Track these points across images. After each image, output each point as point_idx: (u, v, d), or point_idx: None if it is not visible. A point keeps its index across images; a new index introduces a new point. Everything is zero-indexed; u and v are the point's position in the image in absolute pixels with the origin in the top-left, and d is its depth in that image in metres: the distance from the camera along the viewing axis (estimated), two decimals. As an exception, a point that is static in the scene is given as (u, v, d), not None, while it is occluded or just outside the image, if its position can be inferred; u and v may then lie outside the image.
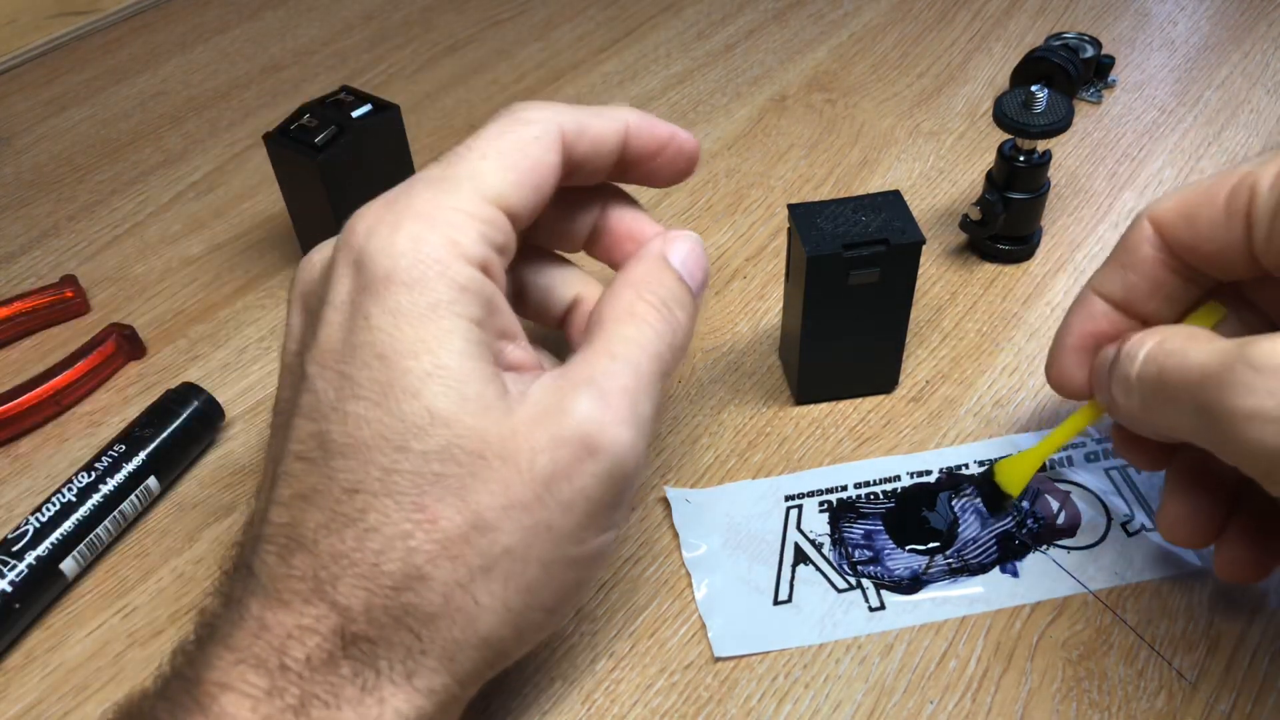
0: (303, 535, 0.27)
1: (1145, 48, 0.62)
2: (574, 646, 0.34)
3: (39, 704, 0.33)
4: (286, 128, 0.44)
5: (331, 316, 0.27)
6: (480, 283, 0.27)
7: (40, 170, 0.58)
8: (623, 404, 0.27)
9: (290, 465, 0.27)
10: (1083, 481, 0.37)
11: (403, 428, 0.26)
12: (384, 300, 0.26)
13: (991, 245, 0.47)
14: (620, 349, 0.28)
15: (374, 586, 0.26)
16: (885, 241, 0.36)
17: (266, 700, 0.25)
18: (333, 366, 0.27)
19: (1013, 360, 0.43)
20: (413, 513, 0.26)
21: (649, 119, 0.33)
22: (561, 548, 0.27)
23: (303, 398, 0.28)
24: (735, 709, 0.32)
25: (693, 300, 0.31)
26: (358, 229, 0.28)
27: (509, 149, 0.29)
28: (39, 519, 0.36)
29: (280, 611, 0.26)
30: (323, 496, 0.27)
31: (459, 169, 0.29)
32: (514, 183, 0.29)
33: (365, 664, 0.26)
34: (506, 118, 0.30)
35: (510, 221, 0.29)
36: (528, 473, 0.26)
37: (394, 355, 0.26)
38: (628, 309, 0.29)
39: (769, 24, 0.66)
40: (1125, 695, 0.32)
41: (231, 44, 0.68)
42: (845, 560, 0.36)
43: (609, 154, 0.32)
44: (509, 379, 0.28)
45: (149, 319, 0.47)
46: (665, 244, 0.32)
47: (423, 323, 0.26)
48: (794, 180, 0.53)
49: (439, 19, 0.69)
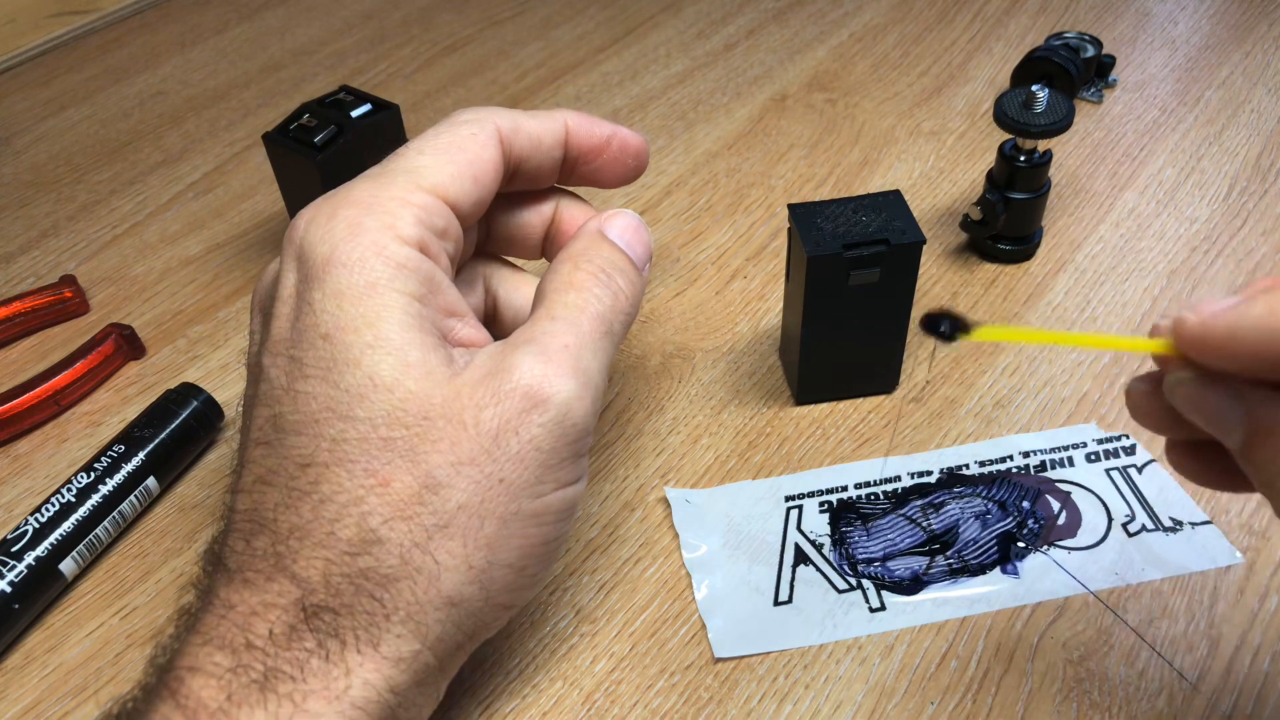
0: (263, 516, 0.27)
1: (1146, 47, 0.62)
2: (574, 647, 0.34)
3: (38, 704, 0.33)
4: (286, 127, 0.44)
5: (280, 310, 0.29)
6: (418, 260, 0.28)
7: (39, 170, 0.57)
8: (564, 359, 0.28)
9: (251, 452, 0.28)
10: (1083, 482, 0.37)
11: (347, 398, 0.27)
12: (325, 284, 0.28)
13: (992, 245, 0.47)
14: (560, 311, 0.29)
15: (331, 555, 0.26)
16: (886, 241, 0.36)
17: (231, 676, 0.25)
18: (283, 353, 0.28)
19: (1013, 360, 0.42)
20: (364, 479, 0.27)
21: (589, 119, 0.34)
22: (517, 501, 0.27)
23: (260, 387, 0.29)
24: (735, 710, 0.32)
25: (634, 269, 0.32)
26: (298, 224, 0.29)
27: (445, 145, 0.30)
28: (38, 519, 0.36)
29: (244, 591, 0.27)
30: (279, 475, 0.27)
31: (395, 164, 0.30)
32: (451, 174, 0.30)
33: (329, 634, 0.26)
34: (445, 121, 0.31)
35: (450, 210, 0.30)
36: (474, 428, 0.27)
37: (337, 332, 0.27)
38: (566, 279, 0.30)
39: (769, 23, 0.66)
40: (1126, 696, 0.32)
41: (230, 44, 0.68)
42: (846, 561, 0.35)
43: (549, 151, 0.33)
44: (456, 352, 0.29)
45: (148, 319, 0.47)
46: (602, 221, 0.32)
47: (362, 299, 0.27)
48: (794, 180, 0.53)
49: (438, 18, 0.69)
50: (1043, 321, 0.44)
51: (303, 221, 0.29)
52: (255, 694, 0.25)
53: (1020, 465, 0.38)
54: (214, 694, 0.25)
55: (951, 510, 0.37)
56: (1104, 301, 0.45)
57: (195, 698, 0.25)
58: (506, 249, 0.36)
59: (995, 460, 0.38)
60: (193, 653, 0.26)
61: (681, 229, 0.50)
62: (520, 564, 0.28)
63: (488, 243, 0.35)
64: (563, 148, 0.33)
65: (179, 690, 0.25)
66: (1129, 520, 0.36)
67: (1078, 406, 0.40)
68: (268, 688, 0.25)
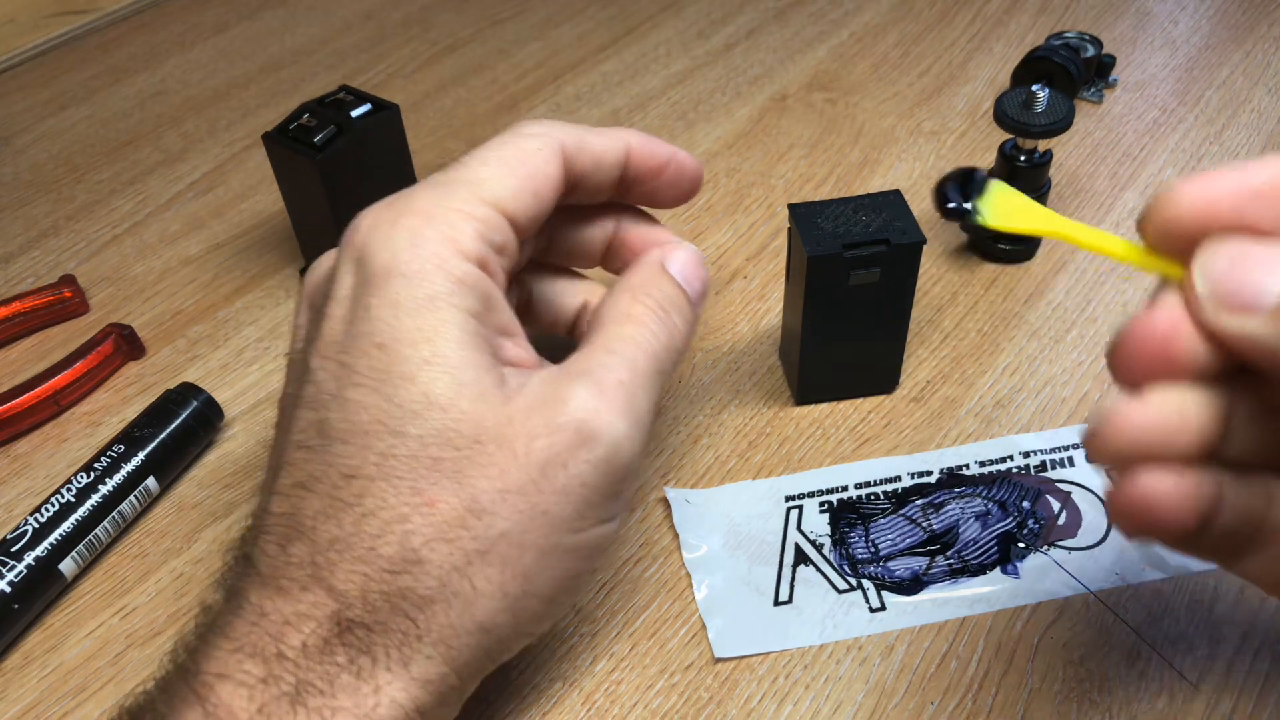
0: (301, 523, 0.27)
1: (1146, 47, 0.61)
2: (574, 647, 0.34)
3: (38, 704, 0.33)
4: (285, 127, 0.44)
5: (334, 311, 0.28)
6: (477, 277, 0.28)
7: (39, 170, 0.57)
8: (618, 395, 0.28)
9: (291, 455, 0.28)
10: (1083, 482, 0.37)
11: (400, 412, 0.26)
12: (383, 292, 0.27)
13: (992, 245, 0.47)
14: (617, 345, 0.29)
15: (370, 571, 0.26)
16: (886, 241, 0.36)
17: (262, 688, 0.25)
18: (333, 357, 0.28)
19: (1014, 360, 0.42)
20: (410, 496, 0.26)
21: (650, 139, 0.34)
22: (558, 534, 0.27)
23: (304, 389, 0.28)
24: (735, 710, 0.32)
25: (690, 307, 0.32)
26: (360, 227, 0.29)
27: (509, 158, 0.30)
28: (38, 519, 0.36)
29: (278, 599, 0.26)
30: (321, 483, 0.27)
31: (459, 174, 0.30)
32: (513, 189, 0.30)
33: (361, 651, 0.26)
34: (509, 132, 0.31)
35: (510, 224, 0.30)
36: (524, 458, 0.27)
37: (393, 344, 0.27)
38: (625, 311, 0.30)
39: (769, 23, 0.66)
40: (1126, 696, 0.32)
41: (230, 43, 0.68)
42: (846, 561, 0.35)
43: (610, 170, 0.33)
44: (507, 372, 0.28)
45: (148, 319, 0.47)
46: (664, 253, 0.33)
47: (420, 313, 0.27)
48: (794, 180, 0.53)
49: (438, 18, 0.69)
50: (1043, 322, 0.44)
51: (365, 224, 0.29)
52: (286, 706, 0.25)
53: (1020, 465, 0.38)
54: (244, 704, 0.25)
55: (952, 510, 0.37)
56: (1104, 302, 0.45)
57: (225, 707, 0.25)
58: (566, 258, 0.36)
59: (995, 460, 0.38)
60: (222, 659, 0.26)
61: (681, 229, 0.50)
62: (551, 595, 0.28)
63: (548, 253, 0.35)
64: (622, 167, 0.33)
65: (207, 697, 0.25)
66: (1129, 520, 0.36)
67: (1078, 406, 0.40)
68: (298, 701, 0.25)
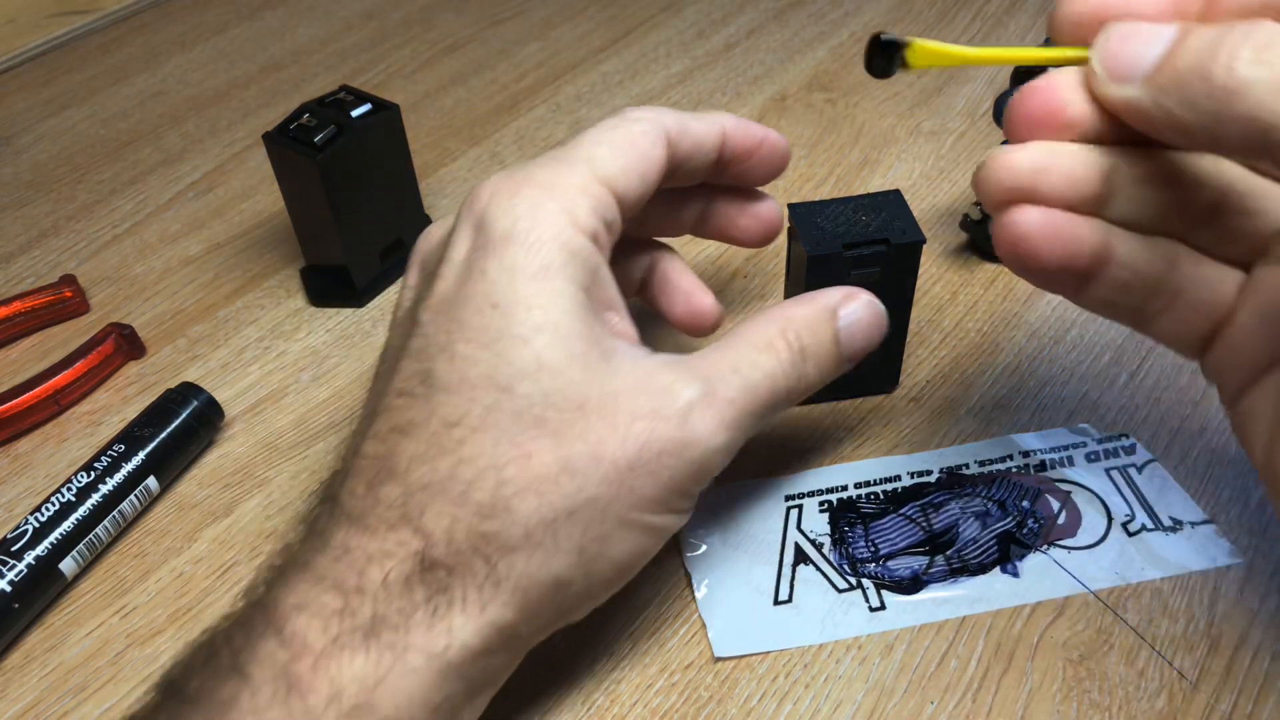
0: (395, 465, 0.28)
1: (1145, 47, 0.61)
2: (574, 646, 0.34)
3: (38, 704, 0.33)
4: (286, 127, 0.44)
5: (448, 271, 0.29)
6: (589, 251, 0.30)
7: (39, 170, 0.57)
8: (728, 412, 0.29)
9: (391, 401, 0.29)
10: (1083, 481, 0.37)
11: (511, 370, 0.28)
12: (501, 257, 0.28)
13: (992, 245, 0.47)
14: (746, 369, 0.30)
15: (460, 513, 0.27)
16: (886, 241, 0.36)
17: (337, 620, 0.26)
18: (445, 312, 0.29)
19: (1013, 360, 0.42)
20: (508, 449, 0.27)
21: (744, 122, 0.35)
22: (638, 511, 0.28)
23: (412, 341, 0.29)
24: (735, 709, 0.32)
25: (835, 364, 0.32)
26: (480, 194, 0.30)
27: (620, 140, 0.31)
28: (38, 519, 0.36)
29: (363, 537, 0.27)
30: (420, 429, 0.28)
31: (575, 152, 0.31)
32: (623, 168, 0.31)
33: (439, 590, 0.27)
34: (617, 116, 0.33)
35: (617, 203, 0.31)
36: (622, 433, 0.28)
37: (508, 306, 0.28)
38: (766, 339, 0.31)
39: (769, 23, 0.66)
40: (1126, 696, 0.32)
41: (231, 43, 0.68)
42: (846, 560, 0.35)
43: (708, 153, 0.34)
44: (612, 345, 0.30)
45: (148, 319, 0.47)
46: (844, 296, 0.33)
47: (536, 281, 0.28)
48: (794, 180, 0.53)
49: (439, 18, 0.69)
50: (1043, 322, 0.44)
51: (486, 193, 0.30)
52: (359, 639, 0.26)
53: (1020, 465, 0.38)
54: (318, 634, 0.26)
55: (951, 510, 0.37)
56: (1104, 301, 0.45)
57: (300, 636, 0.26)
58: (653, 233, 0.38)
59: (995, 460, 0.38)
60: (301, 590, 0.27)
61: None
62: (624, 564, 0.29)
63: (639, 228, 0.37)
64: (719, 150, 0.35)
65: (283, 627, 0.26)
66: (1129, 520, 0.36)
67: (1078, 406, 0.40)
68: (372, 634, 0.26)
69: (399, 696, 0.26)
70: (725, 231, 0.38)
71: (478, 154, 0.57)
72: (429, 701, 0.26)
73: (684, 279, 0.37)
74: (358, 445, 0.29)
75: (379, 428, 0.29)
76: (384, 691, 0.26)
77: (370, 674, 0.26)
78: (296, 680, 0.25)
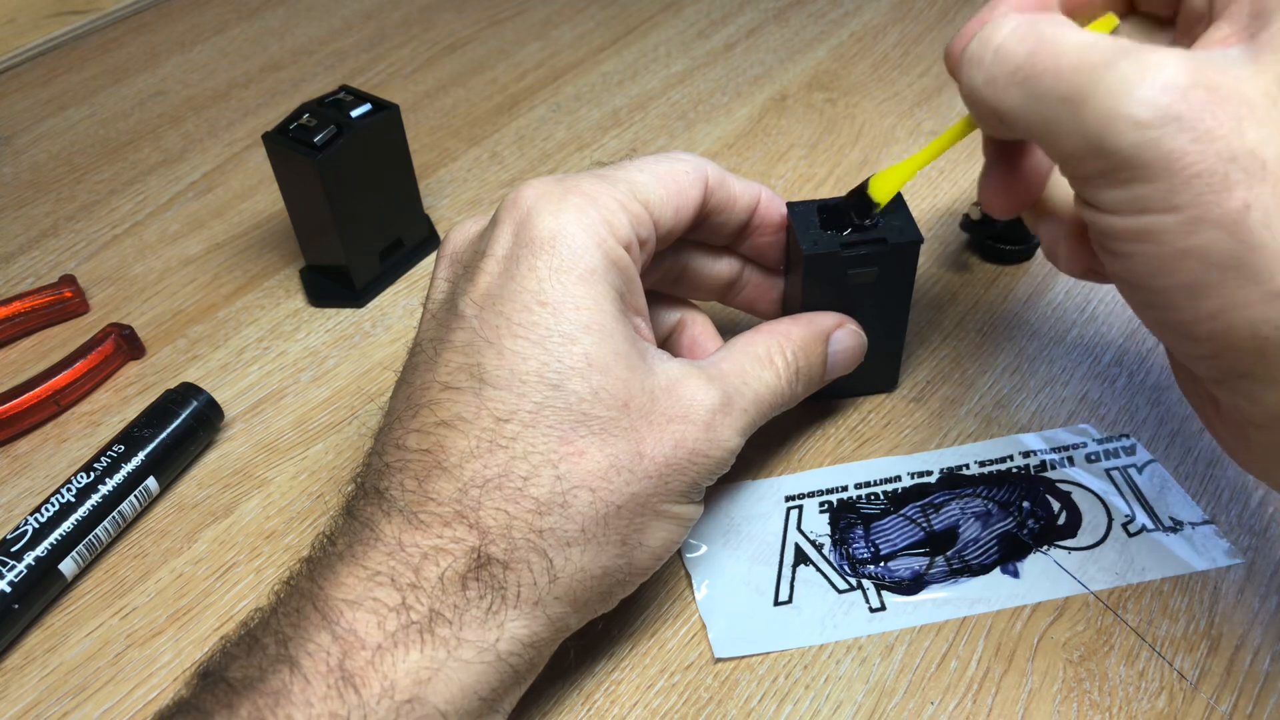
0: (445, 460, 0.28)
1: (1146, 47, 0.61)
2: (574, 647, 0.34)
3: (38, 704, 0.33)
4: (285, 127, 0.44)
5: (491, 266, 0.30)
6: (626, 260, 0.31)
7: (39, 170, 0.57)
8: (741, 420, 0.32)
9: (435, 394, 0.29)
10: (1083, 482, 0.37)
11: (561, 368, 0.29)
12: (548, 257, 0.30)
13: (992, 245, 0.47)
14: (753, 382, 0.33)
15: (516, 510, 0.28)
16: (884, 241, 0.36)
17: (394, 616, 0.26)
18: (491, 307, 0.30)
19: (1013, 360, 0.42)
20: (560, 445, 0.28)
21: (778, 199, 0.37)
22: (670, 503, 0.30)
23: (454, 334, 0.30)
24: (735, 710, 0.32)
25: (819, 384, 0.36)
26: (525, 195, 0.31)
27: (662, 172, 0.33)
28: (38, 519, 0.36)
29: (418, 533, 0.28)
30: (470, 424, 0.29)
31: (618, 173, 0.33)
32: (661, 198, 0.33)
33: (494, 587, 0.27)
34: (663, 154, 0.34)
35: (653, 225, 0.33)
36: (660, 432, 0.30)
37: (557, 304, 0.29)
38: (768, 355, 0.34)
39: (769, 23, 0.66)
40: (1126, 696, 0.32)
41: (230, 43, 0.68)
42: (846, 561, 0.35)
43: (740, 213, 0.36)
44: (643, 347, 0.31)
45: (148, 319, 0.47)
46: (836, 324, 0.36)
47: (583, 283, 0.30)
48: (794, 179, 0.53)
49: (438, 18, 0.69)
50: (1043, 322, 0.44)
51: (531, 194, 0.31)
52: (415, 635, 0.26)
53: (1020, 465, 0.38)
54: (373, 630, 0.26)
55: (952, 510, 0.37)
56: (1104, 301, 0.45)
57: (353, 632, 0.26)
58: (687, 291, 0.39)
59: (995, 460, 0.38)
60: (353, 586, 0.27)
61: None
62: (659, 551, 0.31)
63: (676, 285, 0.38)
64: (750, 214, 0.36)
65: (337, 621, 0.26)
66: (1129, 520, 0.36)
67: (1078, 406, 0.40)
68: (428, 630, 0.26)
69: (450, 689, 0.26)
70: (754, 304, 0.40)
71: (477, 154, 0.57)
72: (478, 692, 0.27)
73: (711, 343, 0.37)
74: (400, 438, 0.30)
75: (423, 421, 0.29)
76: (436, 684, 0.26)
77: (424, 668, 0.26)
78: (350, 674, 0.26)
